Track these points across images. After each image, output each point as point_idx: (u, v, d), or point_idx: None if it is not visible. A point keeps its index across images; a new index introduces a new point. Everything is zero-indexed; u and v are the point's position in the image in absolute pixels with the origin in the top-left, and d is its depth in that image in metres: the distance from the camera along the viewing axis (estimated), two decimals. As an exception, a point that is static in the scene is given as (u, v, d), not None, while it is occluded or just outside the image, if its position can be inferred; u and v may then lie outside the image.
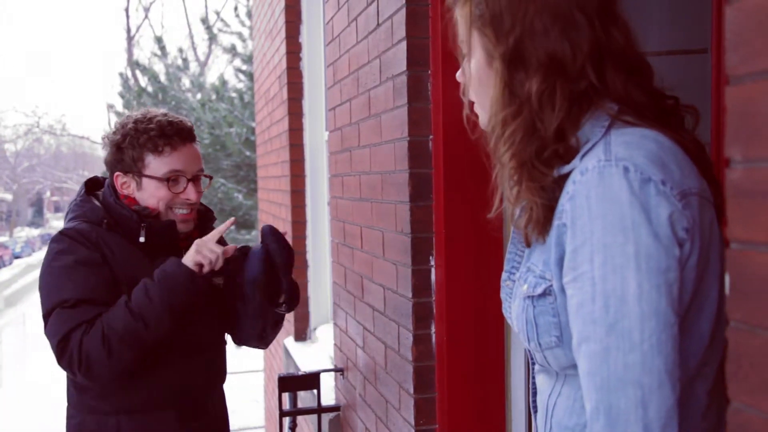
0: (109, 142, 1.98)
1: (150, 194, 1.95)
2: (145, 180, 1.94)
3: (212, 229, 2.14)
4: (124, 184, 1.97)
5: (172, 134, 1.94)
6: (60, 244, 1.86)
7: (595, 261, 0.89)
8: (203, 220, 2.12)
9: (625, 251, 0.87)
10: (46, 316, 1.82)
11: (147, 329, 1.79)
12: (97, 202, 1.97)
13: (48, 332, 1.81)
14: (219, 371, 2.13)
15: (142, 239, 1.91)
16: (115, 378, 1.84)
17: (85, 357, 1.76)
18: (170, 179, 1.94)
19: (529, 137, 0.98)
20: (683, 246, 0.88)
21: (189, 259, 1.87)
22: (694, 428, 0.96)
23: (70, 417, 1.97)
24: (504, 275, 1.15)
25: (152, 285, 1.81)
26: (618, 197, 0.88)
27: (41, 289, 1.86)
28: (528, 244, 1.06)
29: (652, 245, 0.86)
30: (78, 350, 1.76)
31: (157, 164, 1.93)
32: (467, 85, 1.13)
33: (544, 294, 1.00)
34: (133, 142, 1.93)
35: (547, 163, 0.98)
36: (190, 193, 1.97)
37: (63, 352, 1.77)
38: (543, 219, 1.00)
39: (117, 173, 1.97)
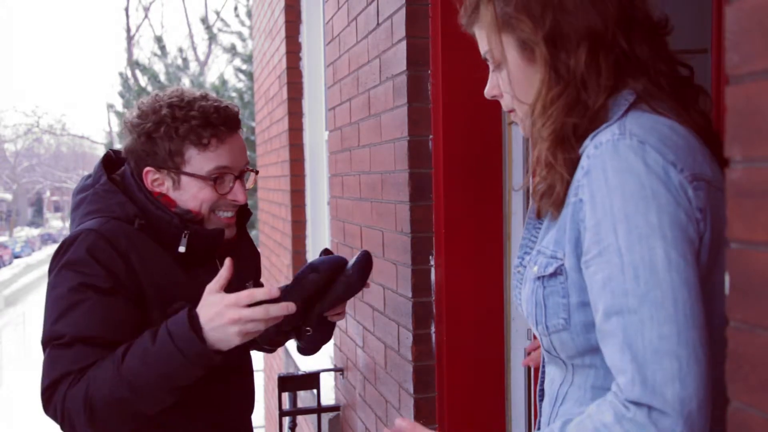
0: (137, 128, 1.60)
1: (191, 195, 1.61)
2: (184, 178, 1.59)
3: (245, 229, 1.85)
4: (156, 181, 1.61)
5: (219, 123, 1.59)
6: (75, 253, 1.50)
7: (619, 232, 0.87)
8: (241, 220, 1.79)
9: (648, 220, 0.86)
10: (43, 347, 1.51)
11: (140, 399, 1.42)
12: (120, 191, 1.60)
13: (41, 372, 1.48)
14: (248, 395, 1.81)
15: (182, 249, 1.58)
16: None
17: (68, 416, 1.43)
18: (216, 177, 1.61)
19: (573, 111, 1.00)
20: (699, 224, 0.88)
21: (232, 336, 1.41)
22: None
23: None
24: (515, 262, 1.16)
25: (150, 348, 1.41)
26: (634, 167, 0.88)
27: (44, 305, 1.54)
28: (539, 215, 1.08)
29: (674, 213, 0.86)
30: (62, 405, 1.43)
31: (200, 160, 1.58)
32: (504, 92, 1.12)
33: (555, 274, 1.00)
34: (170, 132, 1.56)
35: (580, 136, 1.00)
36: (238, 194, 1.65)
37: (48, 402, 1.45)
38: (563, 195, 1.00)
39: (148, 168, 1.60)
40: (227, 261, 1.48)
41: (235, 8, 12.85)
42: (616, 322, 0.88)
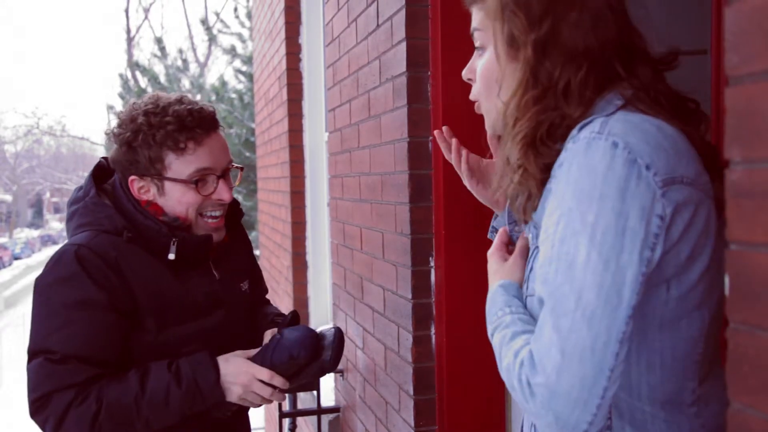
0: (117, 138, 1.64)
1: (176, 200, 1.64)
2: (167, 184, 1.63)
3: (242, 227, 1.93)
4: (142, 188, 1.65)
5: (194, 126, 1.61)
6: (67, 268, 1.54)
7: (559, 225, 0.90)
8: (231, 217, 1.83)
9: (584, 219, 0.88)
10: (30, 355, 1.54)
11: (146, 428, 1.56)
12: (109, 203, 1.64)
13: (28, 380, 1.53)
14: None
15: (171, 256, 1.61)
16: None
17: (64, 430, 1.51)
18: (198, 180, 1.64)
19: (547, 117, 1.00)
20: (659, 230, 0.88)
21: (233, 394, 1.61)
22: (686, 422, 0.97)
23: None
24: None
25: (176, 390, 1.54)
26: (596, 169, 0.89)
27: (32, 315, 1.57)
28: (526, 223, 1.09)
29: (612, 221, 0.86)
30: (57, 419, 1.50)
31: (180, 164, 1.62)
32: (477, 79, 1.13)
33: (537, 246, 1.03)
34: (148, 140, 1.60)
35: (555, 139, 1.00)
36: (222, 193, 1.67)
37: (39, 411, 1.52)
38: (535, 203, 1.03)
39: (132, 177, 1.64)
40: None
41: (235, 9, 12.85)
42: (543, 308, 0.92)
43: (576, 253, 0.87)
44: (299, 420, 3.35)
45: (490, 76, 1.09)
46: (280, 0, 4.39)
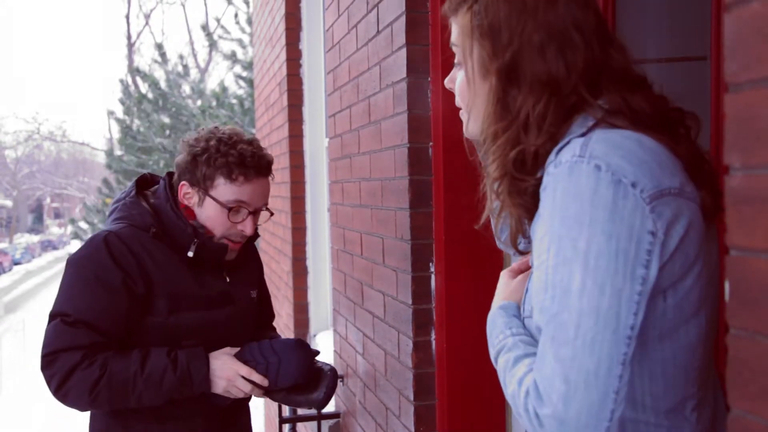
0: (188, 148, 1.91)
1: (208, 216, 1.89)
2: (208, 200, 1.89)
3: (255, 247, 2.17)
4: (188, 195, 1.91)
5: (251, 166, 1.88)
6: (94, 248, 1.81)
7: (551, 251, 0.90)
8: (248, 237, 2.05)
9: (576, 246, 0.87)
10: (50, 318, 1.81)
11: (137, 402, 1.80)
12: (146, 204, 1.91)
13: (43, 338, 1.80)
14: None
15: (190, 254, 1.86)
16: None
17: (67, 388, 1.75)
18: (233, 208, 1.89)
19: (515, 149, 1.00)
20: (652, 246, 0.88)
21: (219, 387, 1.87)
22: (688, 429, 0.97)
23: (93, 419, 1.94)
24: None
25: (171, 375, 1.79)
26: (581, 193, 0.88)
27: (60, 285, 1.84)
28: (518, 252, 1.09)
29: (603, 245, 0.86)
30: (62, 376, 1.75)
31: (225, 190, 1.87)
32: (456, 91, 1.13)
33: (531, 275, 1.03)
34: (210, 161, 1.86)
35: (528, 171, 1.00)
36: (247, 227, 1.92)
37: (47, 367, 1.77)
38: (521, 228, 1.04)
39: (184, 182, 1.91)
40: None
41: (236, 15, 12.88)
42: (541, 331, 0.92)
43: (570, 280, 0.87)
44: (299, 426, 3.34)
45: (464, 95, 1.09)
46: (280, 6, 4.39)
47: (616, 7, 1.70)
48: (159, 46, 14.02)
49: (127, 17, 29.90)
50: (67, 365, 1.74)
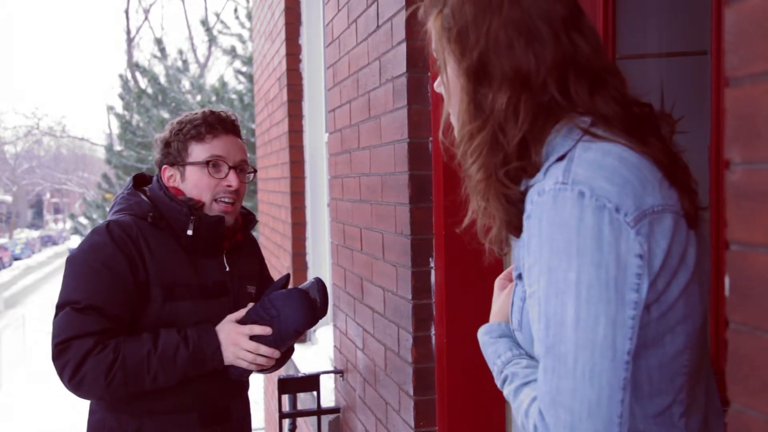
0: (158, 141, 2.02)
1: (193, 183, 1.95)
2: (188, 168, 1.95)
3: (250, 235, 2.19)
4: (171, 177, 1.99)
5: (215, 122, 1.96)
6: (98, 237, 1.85)
7: (542, 282, 0.91)
8: (246, 222, 2.13)
9: (567, 277, 0.88)
10: (57, 308, 1.82)
11: (153, 383, 1.82)
12: (143, 197, 1.98)
13: (53, 327, 1.81)
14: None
15: (190, 232, 1.91)
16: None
17: (82, 375, 1.76)
18: (211, 163, 1.94)
19: (494, 151, 0.99)
20: (640, 269, 0.88)
21: (228, 356, 1.89)
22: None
23: (92, 413, 1.96)
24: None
25: (184, 351, 1.82)
26: (568, 223, 0.88)
27: (64, 277, 1.86)
28: (499, 255, 1.11)
29: (593, 275, 0.87)
30: (76, 363, 1.76)
31: (199, 151, 1.95)
32: (444, 95, 1.12)
33: (520, 277, 1.04)
34: (179, 135, 1.97)
35: (512, 177, 0.99)
36: (232, 179, 1.95)
37: (59, 356, 1.78)
38: (503, 235, 1.04)
39: (164, 166, 1.99)
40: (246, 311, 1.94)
41: (235, 10, 12.85)
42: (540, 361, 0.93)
43: (564, 312, 0.88)
44: (299, 421, 3.34)
45: (449, 92, 1.09)
46: (280, 1, 4.39)
47: (616, 2, 1.69)
48: (158, 41, 13.98)
49: (127, 12, 29.85)
50: (81, 352, 1.76)
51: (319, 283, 1.99)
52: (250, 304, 1.98)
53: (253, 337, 1.89)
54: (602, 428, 0.86)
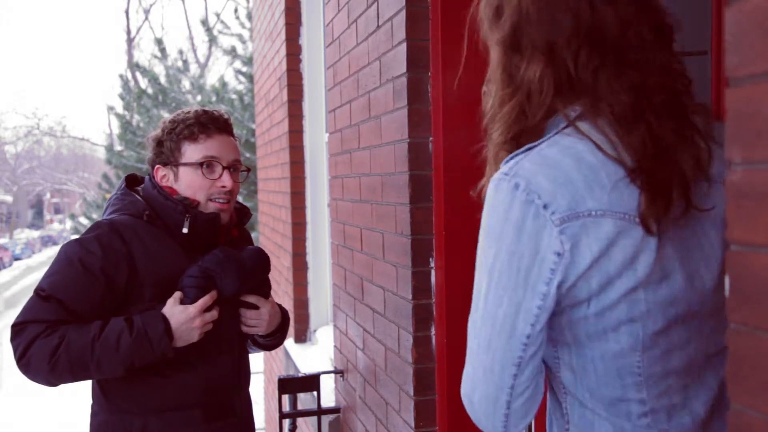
0: (151, 140, 2.01)
1: (187, 184, 1.95)
2: (181, 169, 1.95)
3: (245, 230, 2.20)
4: (164, 177, 1.98)
5: (207, 122, 1.96)
6: (87, 234, 1.87)
7: (477, 256, 1.01)
8: (240, 217, 2.14)
9: (487, 256, 0.97)
10: (34, 291, 1.85)
11: (97, 370, 1.80)
12: (137, 196, 1.98)
13: (22, 308, 1.85)
14: (244, 371, 2.10)
15: (185, 230, 1.91)
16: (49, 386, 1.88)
17: (28, 357, 1.78)
18: (204, 164, 1.94)
19: (519, 119, 1.03)
20: (554, 265, 0.93)
21: (192, 335, 1.86)
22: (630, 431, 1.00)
23: (94, 414, 1.96)
24: None
25: (127, 337, 1.78)
26: (498, 209, 0.96)
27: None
28: None
29: (506, 261, 0.95)
30: (25, 346, 1.78)
31: (192, 151, 1.94)
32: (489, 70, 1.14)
33: None
34: (171, 134, 1.96)
35: (519, 146, 1.02)
36: (226, 180, 1.96)
37: (14, 337, 1.81)
38: None
39: (157, 166, 1.99)
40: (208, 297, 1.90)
41: (236, 10, 12.85)
42: None
43: (481, 287, 0.99)
44: (299, 421, 3.35)
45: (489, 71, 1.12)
46: (280, 1, 4.39)
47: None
48: (159, 42, 13.99)
49: (127, 12, 29.88)
50: (31, 335, 1.78)
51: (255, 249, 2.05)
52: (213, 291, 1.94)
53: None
54: (492, 393, 0.99)
